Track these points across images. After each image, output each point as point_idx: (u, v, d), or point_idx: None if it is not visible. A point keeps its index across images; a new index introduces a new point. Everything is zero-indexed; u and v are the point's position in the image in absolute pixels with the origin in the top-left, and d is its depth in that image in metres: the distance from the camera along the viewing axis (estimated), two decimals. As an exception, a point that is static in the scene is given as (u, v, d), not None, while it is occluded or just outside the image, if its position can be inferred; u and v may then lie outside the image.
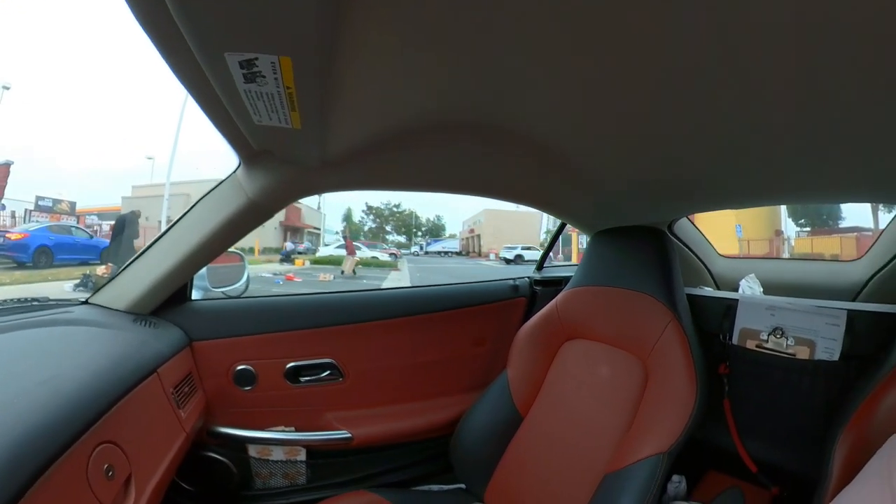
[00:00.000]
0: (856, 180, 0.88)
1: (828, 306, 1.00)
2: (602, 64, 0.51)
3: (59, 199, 16.34)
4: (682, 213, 1.32)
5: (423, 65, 0.53)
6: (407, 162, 0.84)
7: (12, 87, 17.36)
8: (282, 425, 1.14)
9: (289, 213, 25.06)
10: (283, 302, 1.19)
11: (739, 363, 1.07)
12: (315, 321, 1.14)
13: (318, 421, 1.15)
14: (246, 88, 0.47)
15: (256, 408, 1.11)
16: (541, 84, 0.58)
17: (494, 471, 1.07)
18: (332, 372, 1.16)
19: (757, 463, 1.05)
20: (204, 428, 1.04)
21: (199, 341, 1.03)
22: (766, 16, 0.41)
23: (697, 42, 0.45)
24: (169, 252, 0.93)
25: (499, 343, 1.35)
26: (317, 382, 1.15)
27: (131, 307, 0.95)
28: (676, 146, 0.76)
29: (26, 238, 8.63)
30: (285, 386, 1.12)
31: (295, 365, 1.12)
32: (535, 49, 0.49)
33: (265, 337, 1.10)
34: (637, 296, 1.04)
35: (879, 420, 0.70)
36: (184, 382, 0.90)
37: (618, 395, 1.00)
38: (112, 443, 0.60)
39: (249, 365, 1.08)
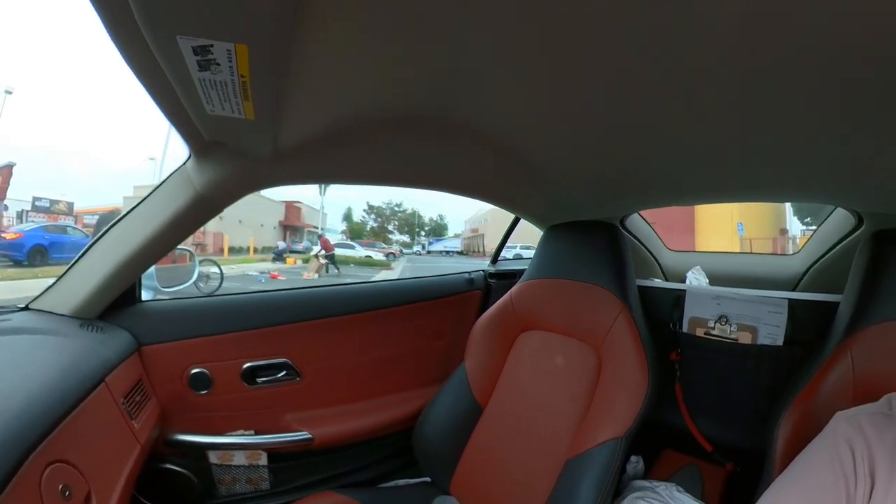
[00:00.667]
0: (792, 181, 0.95)
1: (770, 296, 1.07)
2: (560, 63, 0.53)
3: (56, 200, 16.19)
4: (633, 208, 1.37)
5: (381, 56, 0.52)
6: (361, 155, 0.83)
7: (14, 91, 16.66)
8: (241, 429, 1.10)
9: (288, 213, 24.95)
10: (237, 301, 1.15)
11: (689, 349, 1.13)
12: (270, 319, 1.12)
13: (278, 423, 1.13)
14: (200, 77, 0.45)
15: (214, 412, 1.08)
16: (499, 80, 0.59)
17: (458, 462, 1.08)
18: (288, 372, 1.13)
19: (711, 441, 1.11)
20: (160, 438, 0.99)
21: (148, 345, 0.98)
22: (712, 26, 0.43)
23: (649, 48, 0.48)
24: (114, 251, 0.87)
25: (455, 336, 1.36)
26: (274, 383, 1.12)
27: (76, 311, 0.89)
28: (629, 145, 0.79)
29: (21, 238, 9.05)
30: (242, 388, 1.09)
31: (251, 365, 1.09)
32: (494, 45, 0.50)
33: (219, 338, 1.06)
34: (590, 287, 1.08)
35: (821, 400, 0.74)
36: (134, 391, 0.85)
37: (573, 384, 1.03)
38: (64, 461, 0.56)
39: (204, 368, 1.05)
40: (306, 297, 1.21)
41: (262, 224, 22.54)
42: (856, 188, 0.98)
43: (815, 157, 0.80)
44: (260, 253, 18.45)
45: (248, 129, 0.60)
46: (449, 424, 1.10)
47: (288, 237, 24.40)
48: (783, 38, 0.44)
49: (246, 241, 19.19)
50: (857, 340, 0.76)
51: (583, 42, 0.48)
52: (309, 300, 1.20)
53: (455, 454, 1.09)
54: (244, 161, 0.75)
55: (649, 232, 1.64)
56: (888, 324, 0.74)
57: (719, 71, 0.51)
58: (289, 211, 25.43)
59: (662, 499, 1.02)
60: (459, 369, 1.15)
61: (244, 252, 18.56)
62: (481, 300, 1.48)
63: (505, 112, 0.70)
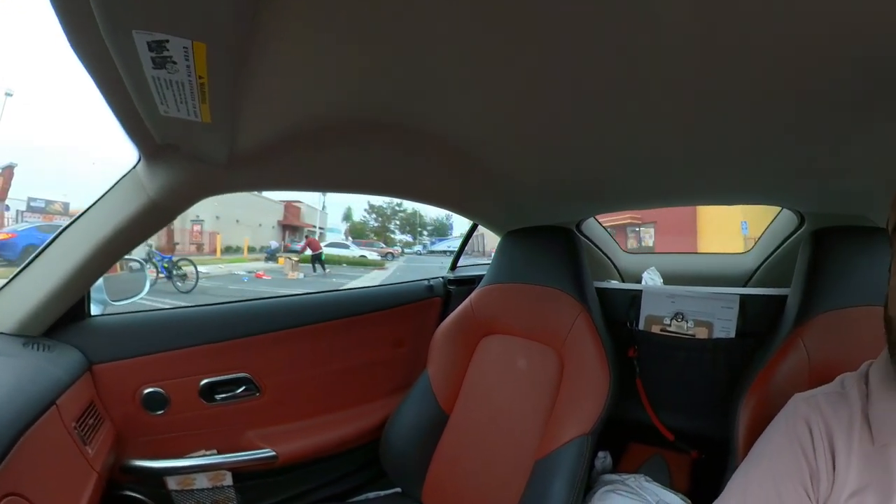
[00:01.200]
0: (739, 186, 1.01)
1: (722, 292, 1.12)
2: (521, 72, 0.54)
3: (52, 201, 16.25)
4: (589, 213, 1.42)
5: (341, 61, 0.52)
6: (319, 161, 0.82)
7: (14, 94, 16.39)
8: (202, 448, 1.05)
9: (287, 213, 24.66)
10: (192, 313, 1.11)
11: (647, 346, 1.17)
12: (227, 333, 1.07)
13: (240, 441, 1.08)
14: (155, 75, 0.43)
15: (172, 433, 1.02)
16: (461, 88, 0.59)
17: (427, 470, 1.08)
18: (248, 387, 1.09)
19: (673, 431, 1.15)
20: (116, 464, 0.93)
21: (100, 364, 0.91)
22: (666, 43, 0.46)
23: (605, 62, 0.50)
24: (61, 262, 0.81)
25: (417, 344, 1.36)
26: (234, 399, 1.07)
27: (20, 328, 0.83)
28: (586, 153, 0.82)
29: (14, 238, 8.96)
30: (201, 405, 1.04)
31: (209, 381, 1.04)
32: (455, 53, 0.51)
33: (174, 354, 1.01)
34: (548, 291, 1.10)
35: (776, 386, 0.79)
36: (87, 414, 0.80)
37: (537, 385, 1.04)
38: (17, 495, 0.53)
39: (159, 386, 0.99)
40: (264, 309, 1.18)
41: (261, 224, 22.18)
42: (797, 191, 1.06)
43: (760, 163, 0.86)
44: (258, 252, 18.11)
45: (203, 133, 0.58)
46: (415, 433, 1.09)
47: (287, 237, 24.07)
48: (730, 54, 0.48)
49: (237, 241, 19.17)
50: (807, 329, 0.81)
51: (543, 52, 0.49)
52: (267, 312, 1.17)
53: (423, 463, 1.08)
54: (199, 165, 0.72)
55: (605, 235, 1.70)
56: (834, 312, 0.80)
57: (672, 83, 0.55)
58: (288, 211, 25.20)
59: (633, 490, 1.05)
60: (422, 377, 1.14)
61: (237, 252, 18.46)
62: (441, 307, 1.48)
63: (466, 119, 0.71)
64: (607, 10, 0.42)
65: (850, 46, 0.46)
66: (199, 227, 18.56)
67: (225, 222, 19.13)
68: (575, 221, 1.43)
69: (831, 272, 0.84)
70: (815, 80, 0.53)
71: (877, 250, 0.82)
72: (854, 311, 0.79)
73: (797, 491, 0.51)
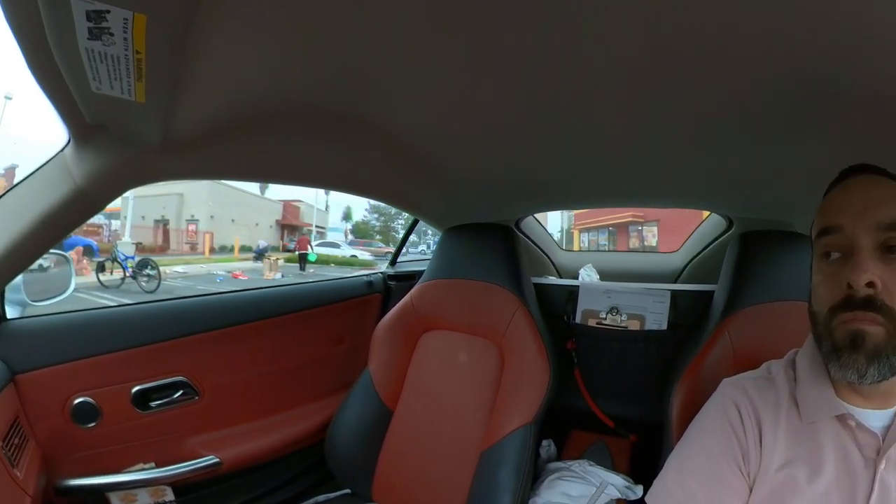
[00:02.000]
0: (673, 191, 1.10)
1: (655, 288, 1.21)
2: (468, 69, 0.55)
3: None
4: (528, 212, 1.47)
5: (285, 44, 0.51)
6: (258, 150, 0.79)
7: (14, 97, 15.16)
8: (140, 462, 0.98)
9: (286, 212, 24.29)
10: (121, 313, 1.02)
11: (584, 338, 1.23)
12: (160, 334, 1.00)
13: (181, 450, 1.02)
14: (89, 46, 0.40)
15: (106, 447, 0.94)
16: (407, 81, 0.59)
17: (375, 469, 1.07)
18: (185, 391, 1.02)
19: (612, 418, 1.21)
20: (49, 485, 0.84)
21: (24, 373, 0.82)
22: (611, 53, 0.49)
23: (551, 64, 0.53)
24: None
25: (357, 340, 1.35)
26: (170, 405, 1.01)
27: None
28: (527, 152, 0.86)
29: None
30: (135, 415, 0.96)
31: (142, 388, 0.97)
32: (403, 44, 0.51)
33: (104, 358, 0.92)
34: (487, 286, 1.13)
35: (704, 373, 0.85)
36: (12, 432, 0.72)
37: (478, 378, 1.07)
38: None
39: (89, 396, 0.91)
40: (199, 307, 1.11)
41: (258, 223, 22.15)
42: (727, 198, 1.17)
43: (695, 171, 0.94)
44: (242, 252, 17.80)
45: (136, 114, 0.54)
46: (360, 432, 1.08)
47: (286, 236, 24.17)
48: (671, 68, 0.52)
49: (241, 240, 18.98)
50: (732, 321, 0.89)
51: (490, 53, 0.51)
52: (202, 310, 1.10)
53: (370, 461, 1.07)
54: (131, 150, 0.66)
55: (543, 233, 1.77)
56: (757, 306, 0.88)
57: (615, 92, 0.59)
58: (286, 210, 24.83)
59: (578, 475, 1.09)
60: (364, 374, 1.14)
61: (228, 252, 18.25)
62: (381, 303, 1.47)
63: (410, 114, 0.72)
64: (556, 18, 0.45)
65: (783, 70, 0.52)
66: (193, 226, 18.48)
67: (220, 222, 19.32)
68: (514, 219, 1.48)
69: (756, 271, 0.93)
70: (748, 98, 0.59)
71: (796, 252, 0.92)
72: (775, 306, 0.88)
73: (730, 466, 0.56)
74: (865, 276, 0.48)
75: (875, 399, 0.53)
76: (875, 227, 0.49)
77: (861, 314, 0.48)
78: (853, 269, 0.48)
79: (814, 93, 0.58)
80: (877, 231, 0.49)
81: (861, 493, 0.51)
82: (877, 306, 0.48)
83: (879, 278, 0.48)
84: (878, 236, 0.49)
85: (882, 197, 0.51)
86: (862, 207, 0.51)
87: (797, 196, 1.04)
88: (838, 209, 0.53)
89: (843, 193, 0.55)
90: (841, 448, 0.53)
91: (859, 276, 0.48)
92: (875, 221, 0.49)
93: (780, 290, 0.90)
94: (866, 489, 0.51)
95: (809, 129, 0.70)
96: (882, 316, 0.47)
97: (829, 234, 0.53)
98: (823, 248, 0.54)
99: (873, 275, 0.48)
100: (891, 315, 0.47)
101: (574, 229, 13.82)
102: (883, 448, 0.51)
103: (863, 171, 0.55)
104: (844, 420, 0.53)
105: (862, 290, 0.48)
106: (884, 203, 0.50)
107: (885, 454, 0.51)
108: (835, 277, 0.51)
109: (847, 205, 0.52)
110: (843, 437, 0.53)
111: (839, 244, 0.52)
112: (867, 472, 0.51)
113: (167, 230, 18.14)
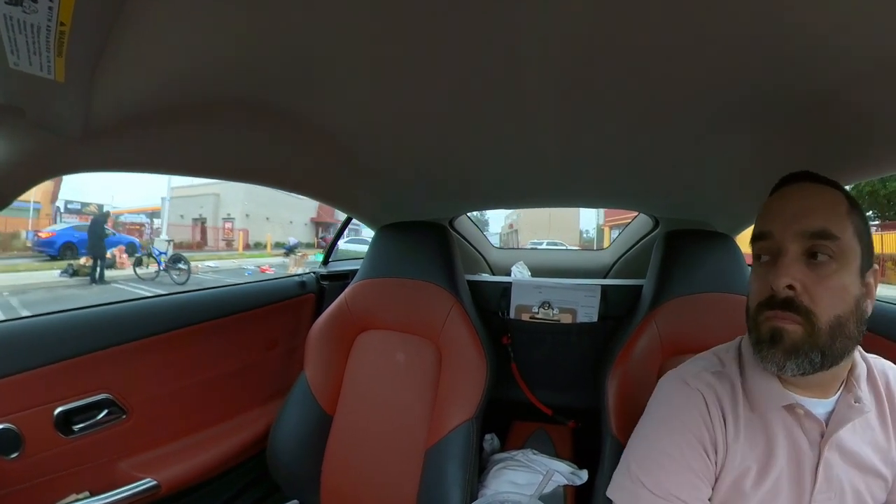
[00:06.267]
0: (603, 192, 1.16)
1: (585, 283, 1.27)
2: (406, 66, 0.55)
3: (87, 203, 18.39)
4: (462, 210, 1.51)
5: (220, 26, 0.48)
6: (184, 143, 0.74)
7: None
8: (73, 493, 0.89)
9: (321, 210, 24.17)
10: (38, 324, 0.91)
11: (518, 333, 1.28)
12: (80, 346, 0.90)
13: (115, 475, 0.94)
14: (7, 12, 0.35)
15: (33, 479, 0.84)
16: (340, 75, 0.58)
17: (321, 476, 1.05)
18: (111, 410, 0.94)
19: (551, 407, 1.27)
20: None
21: None
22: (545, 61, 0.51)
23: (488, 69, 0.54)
24: None
25: (292, 344, 1.32)
26: (97, 427, 0.91)
27: None
28: (462, 152, 0.88)
29: (53, 236, 11.00)
30: (60, 440, 0.87)
31: (65, 409, 0.87)
32: (338, 39, 0.50)
33: (20, 378, 0.82)
34: (422, 284, 1.13)
35: (635, 359, 0.92)
36: None
37: (417, 377, 1.07)
38: None
39: (9, 422, 0.81)
40: (121, 314, 1.01)
41: (291, 221, 22.95)
42: (655, 200, 1.25)
43: (624, 174, 1.00)
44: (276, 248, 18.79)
45: (55, 95, 0.49)
46: (301, 439, 1.05)
47: (320, 233, 24.88)
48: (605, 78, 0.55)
49: (275, 237, 20.11)
50: (659, 312, 0.96)
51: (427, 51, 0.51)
52: (125, 317, 1.00)
53: (315, 469, 1.05)
54: (47, 137, 0.60)
55: (476, 231, 1.82)
56: (681, 298, 0.96)
57: (548, 95, 0.61)
58: (321, 208, 24.51)
59: (523, 463, 1.12)
60: (300, 379, 1.10)
61: (261, 248, 19.75)
62: (315, 304, 1.44)
63: (343, 109, 0.70)
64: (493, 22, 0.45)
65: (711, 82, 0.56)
66: (230, 224, 19.23)
67: (255, 220, 20.52)
68: (448, 217, 1.50)
69: (679, 266, 1.00)
70: (676, 108, 0.64)
71: (716, 250, 1.00)
72: (697, 298, 0.95)
73: (700, 453, 0.58)
74: (785, 279, 0.52)
75: (814, 389, 0.58)
76: (801, 235, 0.53)
77: (781, 313, 0.53)
78: (776, 273, 0.53)
79: (738, 105, 0.63)
80: (803, 239, 0.53)
81: (808, 474, 0.56)
82: (795, 306, 0.52)
83: (800, 282, 0.52)
84: (805, 243, 0.53)
85: (813, 206, 0.54)
86: (792, 216, 0.55)
87: (718, 199, 1.12)
88: (772, 216, 0.57)
89: (779, 200, 0.58)
90: (790, 434, 0.57)
91: (779, 280, 0.52)
92: (802, 229, 0.53)
93: (701, 283, 0.97)
94: (812, 471, 0.56)
95: (732, 139, 0.76)
96: (801, 316, 0.52)
97: (761, 239, 0.57)
98: (757, 251, 0.58)
99: (793, 279, 0.52)
100: (808, 316, 0.51)
101: (605, 226, 14.07)
102: (827, 433, 0.56)
103: (802, 178, 0.58)
104: (792, 409, 0.57)
105: (782, 291, 0.52)
106: (813, 213, 0.54)
107: (829, 438, 0.55)
108: (763, 278, 0.55)
109: (780, 212, 0.56)
110: (790, 424, 0.57)
111: (769, 248, 0.56)
112: (813, 455, 0.56)
113: (204, 228, 19.31)
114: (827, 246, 0.52)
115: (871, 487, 0.58)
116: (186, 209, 18.63)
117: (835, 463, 0.56)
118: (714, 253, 0.99)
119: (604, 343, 1.17)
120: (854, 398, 0.57)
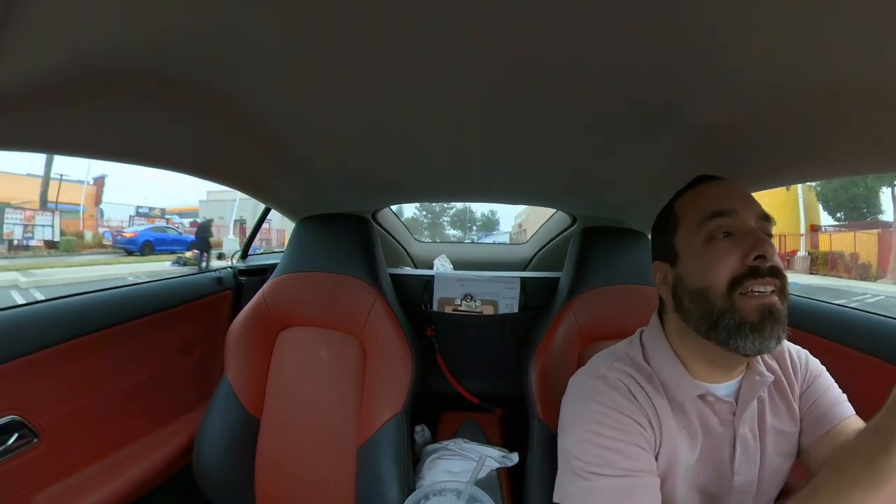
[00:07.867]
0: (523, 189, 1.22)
1: (505, 276, 1.36)
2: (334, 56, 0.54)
3: (152, 207, 22.55)
4: (386, 203, 1.54)
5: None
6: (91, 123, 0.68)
7: None
8: None
9: None
10: None
11: (442, 325, 1.34)
12: None
13: None
14: None
15: None
16: (263, 55, 0.55)
17: (254, 484, 1.02)
18: (20, 434, 0.82)
19: (477, 395, 1.33)
20: None
21: None
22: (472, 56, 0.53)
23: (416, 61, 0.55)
24: None
25: (211, 344, 1.27)
26: (6, 455, 0.80)
27: None
28: (386, 145, 0.89)
29: (136, 236, 14.80)
30: None
31: None
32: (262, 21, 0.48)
33: None
34: (344, 278, 1.11)
35: (556, 347, 0.98)
36: None
37: (343, 374, 1.06)
38: None
39: None
40: (19, 320, 0.88)
41: None
42: (572, 198, 1.34)
43: (545, 173, 1.07)
44: None
45: None
46: (228, 447, 1.00)
47: None
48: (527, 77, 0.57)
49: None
50: (576, 303, 1.03)
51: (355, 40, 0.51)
52: (24, 323, 0.88)
53: (246, 477, 1.02)
54: None
55: (399, 225, 1.87)
56: (596, 290, 1.04)
57: (474, 91, 0.63)
58: None
59: (456, 452, 1.16)
60: (222, 383, 1.05)
61: None
62: (233, 301, 1.39)
63: (265, 92, 0.67)
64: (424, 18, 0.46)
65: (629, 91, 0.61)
66: (266, 226, 19.85)
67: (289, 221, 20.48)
68: (371, 210, 1.53)
69: (595, 260, 1.08)
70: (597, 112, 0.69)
71: (628, 245, 1.09)
72: (611, 289, 1.04)
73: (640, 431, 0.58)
74: (772, 248, 0.54)
75: (720, 372, 0.61)
76: (756, 217, 0.57)
77: (770, 280, 0.53)
78: (762, 242, 0.53)
79: (654, 115, 0.70)
80: (757, 220, 0.57)
81: (726, 451, 0.61)
82: (780, 273, 0.54)
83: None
84: (758, 225, 0.57)
85: (749, 195, 0.59)
86: (744, 198, 0.58)
87: (632, 199, 1.21)
88: (728, 198, 0.58)
89: (716, 188, 0.60)
90: (705, 419, 0.61)
91: (770, 248, 0.53)
92: (756, 212, 0.57)
93: (615, 275, 1.05)
94: (730, 447, 0.61)
95: (646, 145, 0.83)
96: (780, 281, 0.53)
97: (723, 216, 0.57)
98: (716, 228, 0.57)
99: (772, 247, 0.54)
100: (784, 282, 0.54)
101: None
102: (738, 411, 0.60)
103: (715, 178, 0.63)
104: (704, 397, 0.60)
105: (773, 259, 0.54)
106: (754, 199, 0.58)
107: (740, 416, 0.60)
108: (733, 252, 0.55)
109: (733, 196, 0.59)
110: (703, 409, 0.61)
111: (733, 225, 0.56)
112: (728, 433, 0.61)
113: (244, 228, 19.91)
114: (769, 229, 0.57)
115: (785, 445, 0.63)
116: (225, 211, 20.22)
117: (749, 436, 0.61)
118: (627, 248, 1.07)
119: (525, 333, 1.23)
120: (757, 373, 0.61)
